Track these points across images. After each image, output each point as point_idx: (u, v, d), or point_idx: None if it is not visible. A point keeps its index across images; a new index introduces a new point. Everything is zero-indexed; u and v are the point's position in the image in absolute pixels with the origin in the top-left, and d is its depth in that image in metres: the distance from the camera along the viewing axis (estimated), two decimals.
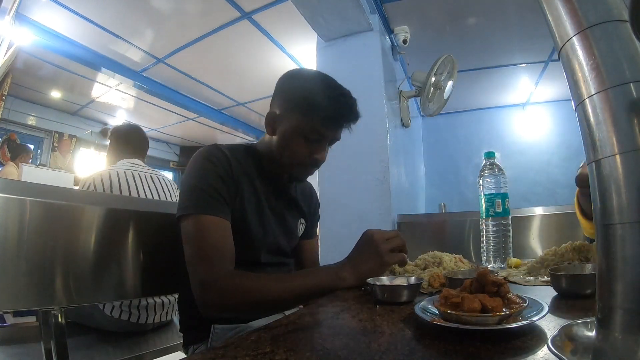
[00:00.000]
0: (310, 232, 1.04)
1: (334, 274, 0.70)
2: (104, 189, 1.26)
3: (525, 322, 0.37)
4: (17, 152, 3.50)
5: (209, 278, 0.67)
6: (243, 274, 0.70)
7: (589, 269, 0.59)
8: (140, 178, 1.37)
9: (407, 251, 0.75)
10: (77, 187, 2.46)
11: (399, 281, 0.61)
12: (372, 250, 0.70)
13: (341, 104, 0.78)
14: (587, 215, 0.84)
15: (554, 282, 0.56)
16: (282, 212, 0.90)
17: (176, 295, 1.32)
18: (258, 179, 0.84)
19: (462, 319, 0.38)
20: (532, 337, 0.36)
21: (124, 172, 1.34)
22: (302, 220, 0.98)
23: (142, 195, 1.33)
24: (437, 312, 0.41)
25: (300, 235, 0.98)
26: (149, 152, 1.63)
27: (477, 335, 0.36)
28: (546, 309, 0.39)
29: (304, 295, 0.68)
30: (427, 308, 0.44)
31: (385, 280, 0.63)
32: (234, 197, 0.77)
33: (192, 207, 0.72)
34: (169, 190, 1.46)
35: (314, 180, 1.06)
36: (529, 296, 0.43)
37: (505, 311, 0.38)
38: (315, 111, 0.76)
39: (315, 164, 0.82)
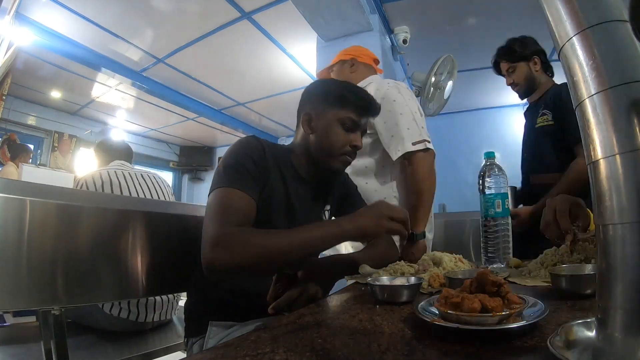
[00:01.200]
0: (355, 205, 1.07)
1: (335, 224, 0.75)
2: (95, 188, 1.29)
3: (525, 322, 0.37)
4: (16, 152, 3.49)
5: (218, 234, 0.68)
6: (250, 230, 0.72)
7: (588, 269, 0.59)
8: (131, 176, 1.41)
9: (409, 229, 0.76)
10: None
11: (399, 281, 0.61)
12: (375, 211, 0.74)
13: (367, 96, 0.93)
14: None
15: (554, 282, 0.56)
16: (308, 204, 0.94)
17: (176, 294, 1.33)
18: (287, 173, 0.89)
19: (462, 319, 0.38)
20: (532, 337, 0.36)
21: (115, 171, 1.38)
22: (327, 207, 1.03)
23: (134, 194, 1.36)
24: (437, 312, 0.41)
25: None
26: (149, 152, 1.67)
27: (477, 335, 0.36)
28: (546, 309, 0.39)
29: (307, 245, 0.70)
30: (427, 308, 0.44)
31: (385, 280, 0.63)
32: (264, 183, 0.82)
33: (220, 182, 0.76)
34: (160, 188, 1.48)
35: None
36: (529, 296, 0.43)
37: (505, 311, 0.38)
38: (350, 103, 0.89)
39: (355, 150, 0.91)
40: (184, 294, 1.01)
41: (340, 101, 0.89)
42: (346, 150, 0.89)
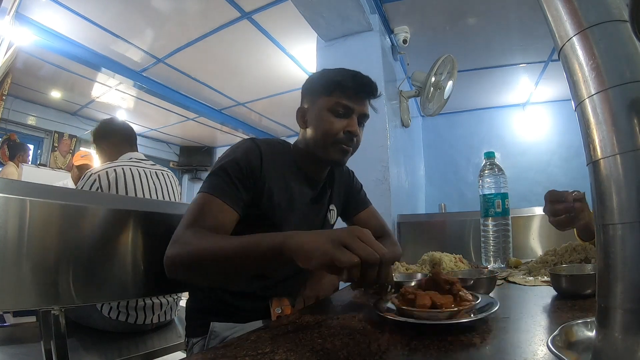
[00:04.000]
0: (358, 206, 1.07)
1: (282, 235, 0.57)
2: (109, 187, 1.22)
3: (471, 318, 0.40)
4: (15, 151, 3.49)
5: (178, 233, 0.68)
6: (204, 232, 0.67)
7: (588, 269, 0.60)
8: (146, 175, 1.34)
9: (384, 276, 0.50)
10: (74, 184, 2.47)
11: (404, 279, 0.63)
12: (333, 233, 0.52)
13: (357, 77, 0.86)
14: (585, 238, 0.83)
15: (554, 282, 0.56)
16: (311, 202, 0.92)
17: (175, 296, 1.32)
18: (289, 172, 0.87)
19: (415, 314, 0.41)
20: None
21: (130, 169, 1.29)
22: (332, 207, 1.00)
23: (147, 194, 1.30)
24: (394, 307, 0.45)
25: (333, 221, 1.01)
26: (149, 152, 1.63)
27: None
28: (496, 306, 0.43)
29: (242, 253, 0.60)
30: (385, 305, 0.48)
31: (396, 278, 0.67)
32: (259, 189, 0.79)
33: (204, 187, 0.75)
34: (173, 190, 1.45)
35: None
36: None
37: (454, 307, 0.41)
38: (336, 86, 0.84)
39: (350, 137, 0.85)
40: (184, 294, 1.01)
41: (327, 88, 0.85)
42: (340, 137, 0.84)
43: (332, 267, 0.47)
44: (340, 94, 0.84)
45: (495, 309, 0.42)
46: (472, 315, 0.41)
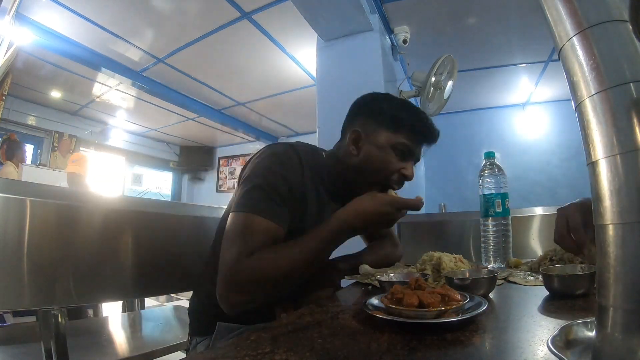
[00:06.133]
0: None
1: (333, 220, 0.68)
2: None
3: (458, 317, 0.41)
4: (12, 151, 3.48)
5: (233, 269, 0.63)
6: (260, 258, 0.64)
7: (579, 269, 0.60)
8: None
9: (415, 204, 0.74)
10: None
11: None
12: (378, 209, 0.70)
13: (426, 122, 0.82)
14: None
15: (546, 283, 0.57)
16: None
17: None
18: (321, 188, 0.83)
19: (403, 313, 0.41)
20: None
21: None
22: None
23: None
24: (382, 306, 0.46)
25: None
26: (149, 152, 1.63)
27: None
28: (485, 305, 0.44)
29: (320, 251, 0.66)
30: (374, 303, 0.49)
31: (393, 277, 0.66)
32: (298, 205, 0.75)
33: (245, 206, 0.68)
34: None
35: None
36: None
37: (441, 307, 0.42)
38: (406, 127, 0.79)
39: (402, 180, 0.82)
40: (183, 294, 1.01)
41: (395, 123, 0.79)
42: (394, 178, 0.80)
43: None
44: (408, 135, 0.80)
45: (484, 308, 0.43)
46: (460, 314, 0.42)
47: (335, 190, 0.85)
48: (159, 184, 6.18)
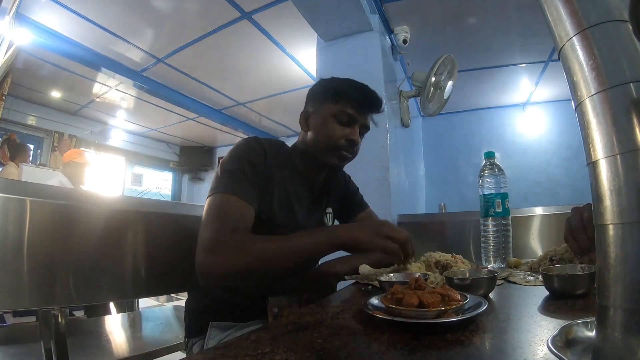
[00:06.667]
0: (356, 208, 1.07)
1: (330, 231, 0.72)
2: None
3: (459, 317, 0.41)
4: (15, 152, 3.48)
5: (213, 240, 0.67)
6: (244, 235, 0.70)
7: (579, 269, 0.60)
8: None
9: (410, 254, 0.74)
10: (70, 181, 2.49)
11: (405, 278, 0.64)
12: (375, 227, 0.71)
13: (365, 90, 0.90)
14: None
15: (546, 283, 0.57)
16: (308, 205, 0.93)
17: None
18: (289, 174, 0.88)
19: (403, 313, 0.41)
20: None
21: None
22: (329, 210, 1.02)
23: None
24: (383, 306, 0.46)
25: (329, 223, 1.02)
26: (149, 152, 1.64)
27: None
28: (485, 305, 0.44)
29: (301, 252, 0.68)
30: (373, 303, 0.49)
31: (393, 277, 0.66)
32: (264, 186, 0.81)
33: (218, 188, 0.74)
34: None
35: None
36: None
37: (441, 307, 0.42)
38: (344, 96, 0.86)
39: (351, 145, 0.87)
40: (182, 295, 1.01)
41: (336, 96, 0.87)
42: (341, 144, 0.86)
43: (383, 252, 0.69)
44: (347, 103, 0.86)
45: (484, 308, 0.43)
46: (460, 314, 0.42)
47: (310, 169, 0.92)
48: (159, 184, 6.18)
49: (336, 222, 1.06)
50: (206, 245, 0.67)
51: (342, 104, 0.86)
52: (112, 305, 1.82)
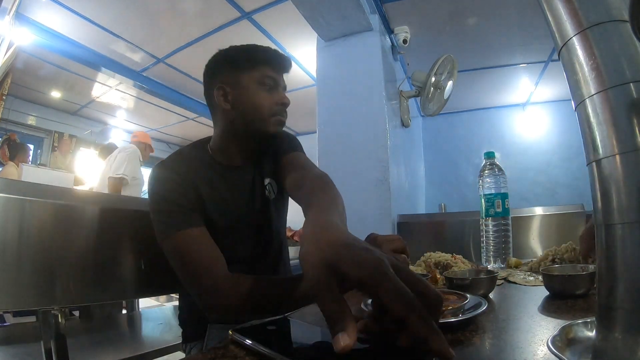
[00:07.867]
0: (281, 156, 0.88)
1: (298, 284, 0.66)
2: None
3: (458, 318, 0.41)
4: (15, 152, 3.48)
5: (206, 285, 0.66)
6: (240, 277, 0.67)
7: (579, 269, 0.60)
8: None
9: (409, 254, 0.70)
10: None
11: None
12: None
13: (275, 51, 0.85)
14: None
15: (546, 283, 0.57)
16: (241, 187, 0.86)
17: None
18: (210, 170, 0.82)
19: None
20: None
21: None
22: (267, 180, 0.89)
23: None
24: None
25: (273, 196, 0.90)
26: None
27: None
28: (484, 306, 0.44)
29: (302, 299, 0.66)
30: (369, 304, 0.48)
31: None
32: (195, 201, 0.76)
33: (164, 231, 0.71)
34: None
35: None
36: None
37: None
38: (260, 61, 0.82)
39: (284, 108, 0.84)
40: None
41: (249, 62, 0.82)
42: (276, 109, 0.82)
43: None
44: (266, 67, 0.82)
45: (484, 308, 0.43)
46: (460, 314, 0.42)
47: (234, 155, 0.85)
48: None
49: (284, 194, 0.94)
50: (201, 292, 0.67)
51: (261, 68, 0.81)
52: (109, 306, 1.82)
